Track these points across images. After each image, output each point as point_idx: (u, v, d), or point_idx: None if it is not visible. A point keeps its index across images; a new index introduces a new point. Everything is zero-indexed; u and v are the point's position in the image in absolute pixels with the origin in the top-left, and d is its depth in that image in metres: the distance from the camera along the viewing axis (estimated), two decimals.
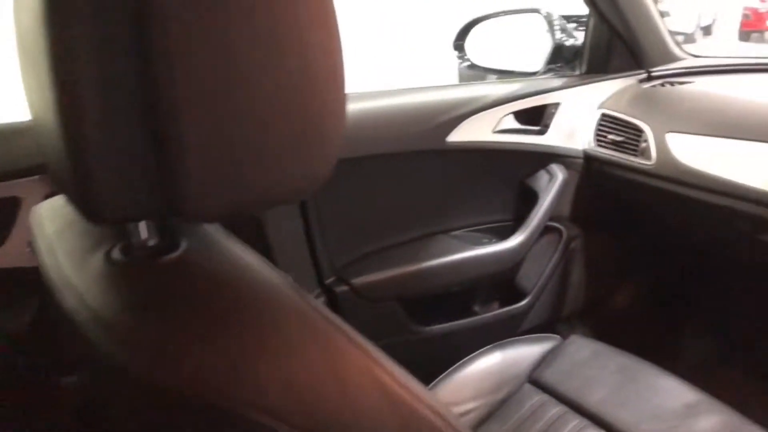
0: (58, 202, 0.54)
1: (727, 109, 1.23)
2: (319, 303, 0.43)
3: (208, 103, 0.32)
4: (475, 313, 1.42)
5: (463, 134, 1.29)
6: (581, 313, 1.64)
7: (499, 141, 1.34)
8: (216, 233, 0.47)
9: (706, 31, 11.92)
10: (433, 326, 1.35)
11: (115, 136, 0.33)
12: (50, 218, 0.53)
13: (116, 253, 0.43)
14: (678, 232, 1.55)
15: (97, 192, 0.34)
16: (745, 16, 11.08)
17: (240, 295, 0.40)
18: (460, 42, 1.57)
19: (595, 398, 1.01)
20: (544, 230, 1.45)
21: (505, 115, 1.35)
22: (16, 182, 0.92)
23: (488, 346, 1.16)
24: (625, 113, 1.37)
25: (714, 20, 12.33)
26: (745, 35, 11.25)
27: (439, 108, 1.28)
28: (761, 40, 11.08)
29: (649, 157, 1.29)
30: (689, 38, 10.56)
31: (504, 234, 1.39)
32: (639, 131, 1.32)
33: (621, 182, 1.39)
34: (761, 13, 10.77)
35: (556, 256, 1.52)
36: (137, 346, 0.34)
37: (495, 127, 1.34)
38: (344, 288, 1.22)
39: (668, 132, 1.27)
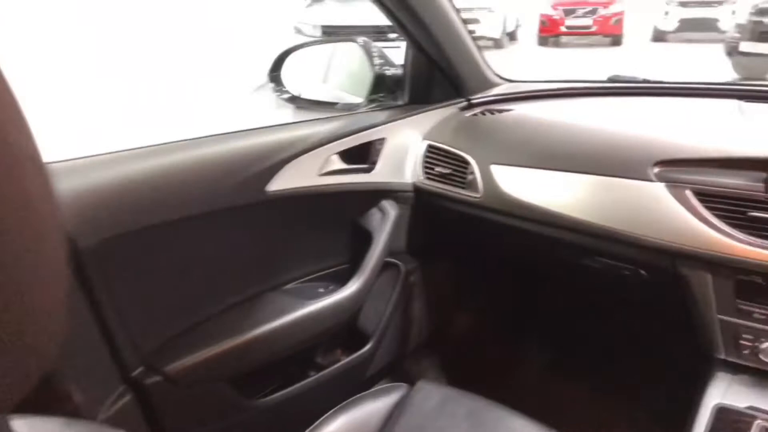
0: None
1: (544, 140, 1.25)
2: None
3: None
4: (316, 370, 1.30)
5: (285, 181, 1.16)
6: (426, 346, 1.61)
7: (326, 184, 1.24)
8: None
9: (512, 36, 13.08)
10: (271, 396, 1.21)
11: None
12: None
13: None
14: (510, 260, 1.58)
15: None
16: (542, 22, 12.35)
17: None
18: (276, 73, 1.45)
19: None
20: (383, 268, 1.39)
21: (330, 156, 1.25)
22: None
23: (333, 410, 1.05)
24: (450, 144, 1.35)
25: (518, 26, 13.59)
26: (543, 40, 12.54)
27: (255, 155, 1.14)
28: (557, 44, 12.43)
29: (476, 190, 1.28)
30: (498, 43, 11.51)
31: (343, 278, 1.29)
32: (465, 163, 1.31)
33: (452, 214, 1.37)
34: (555, 20, 12.07)
35: (396, 292, 1.46)
36: None
37: (321, 169, 1.23)
38: (156, 378, 1.03)
39: (492, 164, 1.26)
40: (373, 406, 1.08)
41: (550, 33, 12.34)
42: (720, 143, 1.05)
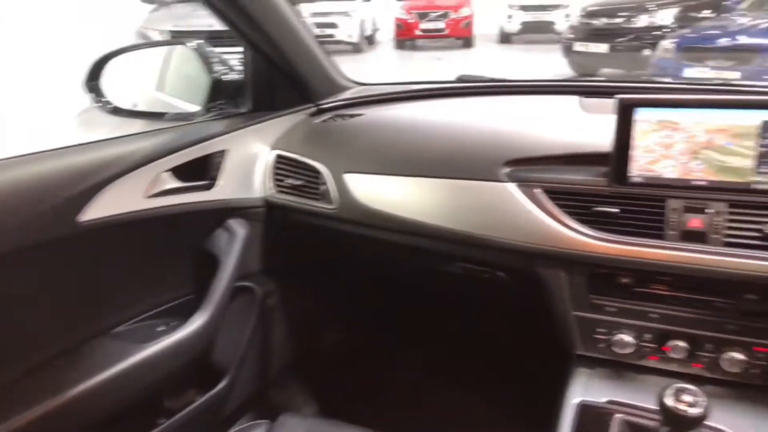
0: None
1: (396, 145, 1.20)
2: None
3: None
4: (166, 416, 1.14)
5: (103, 208, 0.99)
6: (291, 371, 1.50)
7: (156, 206, 1.08)
8: None
9: (370, 40, 13.30)
10: None
11: None
12: None
13: None
14: (372, 274, 1.52)
15: None
16: (398, 26, 12.67)
17: None
18: (94, 82, 1.26)
19: None
20: (235, 293, 1.25)
21: (159, 174, 1.09)
22: None
23: None
24: (300, 154, 1.26)
25: (376, 30, 13.84)
26: (400, 43, 12.89)
27: (64, 179, 0.95)
28: (414, 47, 12.83)
29: (330, 201, 1.19)
30: (356, 48, 11.64)
31: (187, 311, 1.14)
32: (317, 173, 1.22)
33: (308, 228, 1.27)
34: (410, 24, 12.44)
35: (253, 318, 1.34)
36: None
37: (148, 190, 1.07)
38: None
39: (345, 172, 1.19)
40: None
41: (406, 36, 12.69)
42: (564, 140, 1.06)
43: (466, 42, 12.53)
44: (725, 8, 6.84)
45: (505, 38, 12.49)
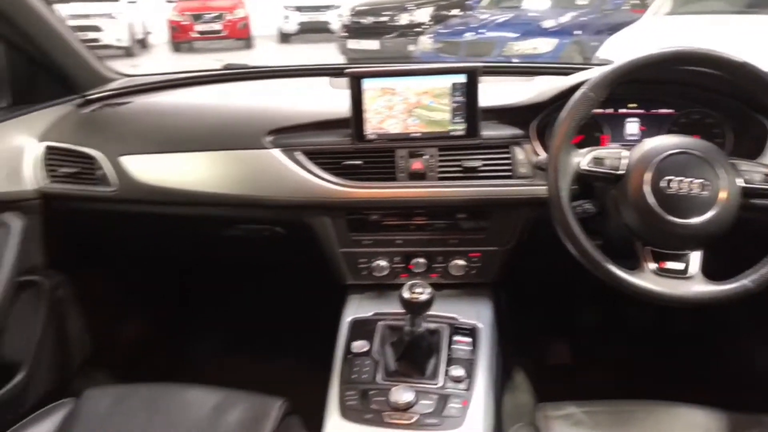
0: None
1: (167, 126, 1.30)
2: None
3: None
4: None
5: None
6: (92, 364, 1.51)
7: None
8: None
9: (143, 44, 12.54)
10: None
11: None
12: None
13: None
14: (157, 251, 1.58)
15: None
16: (173, 28, 12.14)
17: None
18: None
19: None
20: (20, 288, 1.25)
21: None
22: None
23: None
24: (71, 142, 1.29)
25: (148, 33, 13.07)
26: (177, 46, 12.36)
27: None
28: (191, 50, 12.41)
29: (108, 183, 1.25)
30: (129, 51, 10.91)
31: None
32: (91, 159, 1.27)
33: (89, 215, 1.31)
34: (185, 25, 12.00)
35: (43, 311, 1.33)
36: None
37: None
38: None
39: (121, 155, 1.25)
40: (36, 430, 0.99)
41: (181, 39, 12.22)
42: (315, 110, 1.26)
43: (246, 43, 12.50)
44: (469, 6, 7.92)
45: (285, 38, 12.72)
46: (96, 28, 9.97)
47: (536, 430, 0.97)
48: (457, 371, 1.02)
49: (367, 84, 1.16)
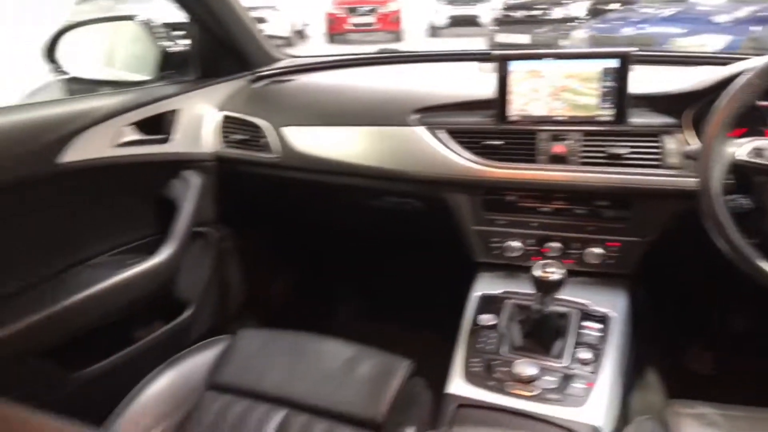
0: None
1: (324, 101, 1.43)
2: None
3: None
4: (136, 339, 1.32)
5: (77, 153, 1.16)
6: (248, 310, 1.69)
7: (121, 155, 1.26)
8: None
9: (301, 35, 13.38)
10: (91, 367, 1.21)
11: None
12: None
13: None
14: (311, 216, 1.73)
15: None
16: (329, 21, 12.82)
17: None
18: (51, 53, 1.41)
19: (273, 383, 1.06)
20: (194, 237, 1.44)
21: (123, 127, 1.27)
22: None
23: (158, 367, 1.10)
24: (242, 113, 1.46)
25: (306, 25, 13.93)
26: (331, 37, 13.04)
27: (42, 127, 1.12)
28: (344, 42, 13.01)
29: (271, 151, 1.40)
30: (288, 42, 11.71)
31: (151, 250, 1.32)
32: (257, 128, 1.42)
33: (253, 178, 1.48)
34: (340, 18, 12.62)
35: (210, 260, 1.53)
36: None
37: (115, 140, 1.25)
38: None
39: (283, 126, 1.40)
40: (200, 358, 1.14)
41: (336, 31, 12.86)
42: (461, 92, 1.31)
43: (396, 36, 12.84)
44: (630, 0, 7.46)
45: (434, 32, 12.87)
46: (262, 20, 10.82)
47: (664, 426, 0.94)
48: (585, 354, 1.02)
49: (514, 66, 1.18)
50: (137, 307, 1.31)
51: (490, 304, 1.19)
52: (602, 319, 1.11)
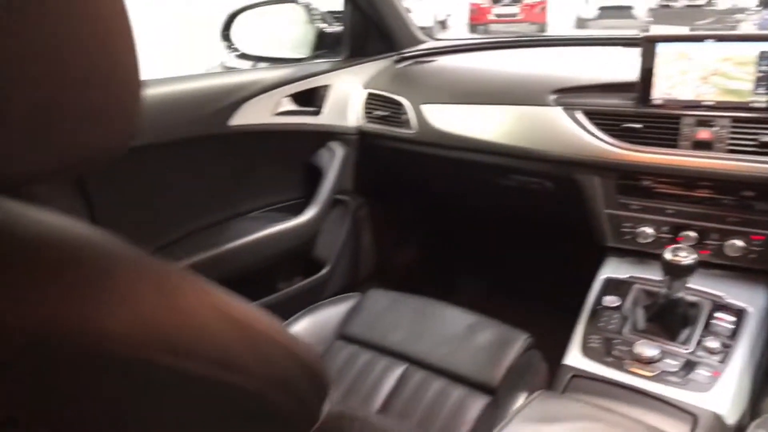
0: None
1: (464, 81, 1.49)
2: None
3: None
4: (281, 289, 1.48)
5: (244, 117, 1.33)
6: (376, 274, 1.81)
7: (279, 122, 1.42)
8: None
9: (443, 25, 13.45)
10: None
11: None
12: None
13: None
14: (441, 191, 1.80)
15: None
16: (472, 11, 12.77)
17: (64, 250, 0.40)
18: (227, 32, 1.61)
19: (396, 339, 1.15)
20: (334, 204, 1.58)
21: (282, 98, 1.43)
22: None
23: (296, 315, 1.23)
24: (386, 90, 1.56)
25: (448, 15, 13.98)
26: (473, 27, 12.98)
27: (217, 93, 1.30)
28: (486, 32, 12.88)
29: (410, 127, 1.49)
30: (428, 32, 11.76)
31: (297, 211, 1.47)
32: (399, 105, 1.52)
33: (391, 152, 1.58)
34: (484, 8, 12.52)
35: (347, 226, 1.66)
36: None
37: (274, 109, 1.41)
38: None
39: (422, 104, 1.48)
40: (333, 310, 1.26)
41: (479, 21, 12.78)
42: (600, 74, 1.30)
43: (540, 28, 12.47)
44: None
45: (581, 24, 12.32)
46: (407, 10, 11.04)
47: None
48: (713, 343, 0.99)
49: (661, 48, 1.16)
50: (282, 260, 1.46)
51: (615, 287, 1.18)
52: (738, 312, 1.06)
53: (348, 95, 1.58)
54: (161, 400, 0.38)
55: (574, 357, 1.04)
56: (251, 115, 1.35)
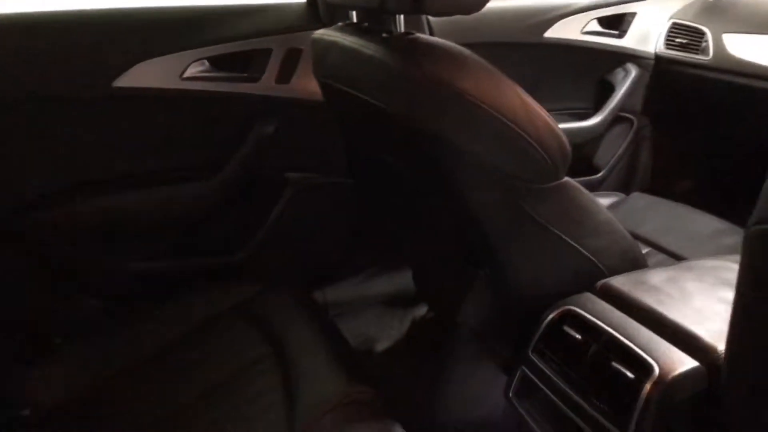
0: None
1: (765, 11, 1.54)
2: None
3: None
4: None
5: (556, 32, 1.65)
6: (648, 190, 1.98)
7: (585, 40, 1.70)
8: None
9: None
10: None
11: None
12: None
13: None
14: (730, 121, 1.83)
15: None
16: None
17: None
18: None
19: (647, 229, 1.33)
20: (618, 119, 1.80)
21: (590, 20, 1.70)
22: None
23: None
24: (691, 21, 1.70)
25: None
26: None
27: (536, 11, 1.64)
28: None
29: (707, 54, 1.62)
30: None
31: (584, 118, 1.75)
32: (701, 33, 1.65)
33: (684, 77, 1.72)
34: None
35: (627, 141, 1.87)
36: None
37: (582, 28, 1.69)
38: None
39: (724, 33, 1.59)
40: (600, 200, 1.53)
41: None
42: None
43: None
44: None
45: None
46: None
47: None
48: None
49: None
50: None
51: None
52: None
53: (652, 23, 1.76)
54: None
55: None
56: (563, 31, 1.66)
